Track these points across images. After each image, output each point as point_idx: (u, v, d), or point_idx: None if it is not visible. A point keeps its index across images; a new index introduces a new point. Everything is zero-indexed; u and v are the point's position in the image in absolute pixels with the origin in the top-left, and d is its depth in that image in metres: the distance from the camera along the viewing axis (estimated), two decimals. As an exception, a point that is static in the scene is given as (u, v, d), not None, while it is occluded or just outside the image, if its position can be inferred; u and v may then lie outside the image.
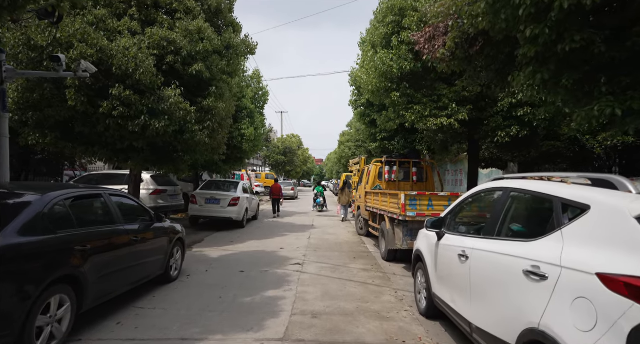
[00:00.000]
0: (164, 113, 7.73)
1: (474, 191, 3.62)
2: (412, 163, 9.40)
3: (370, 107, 14.19)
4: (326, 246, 8.98)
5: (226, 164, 14.73)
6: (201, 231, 11.10)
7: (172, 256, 5.54)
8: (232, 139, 13.98)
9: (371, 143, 14.68)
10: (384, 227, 7.39)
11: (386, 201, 7.15)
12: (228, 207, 11.35)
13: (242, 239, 9.81)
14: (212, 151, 10.03)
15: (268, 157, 36.43)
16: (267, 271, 6.35)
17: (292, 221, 14.31)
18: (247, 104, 14.25)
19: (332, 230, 11.88)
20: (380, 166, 9.59)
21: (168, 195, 12.39)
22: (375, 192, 8.33)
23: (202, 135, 8.44)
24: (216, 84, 9.02)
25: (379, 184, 9.48)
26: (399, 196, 6.17)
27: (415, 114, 7.82)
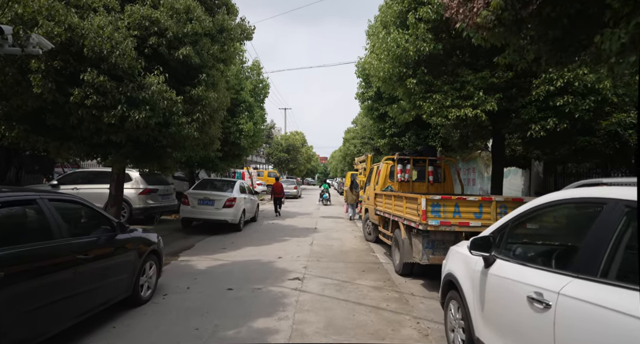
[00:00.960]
0: (145, 102, 6.73)
1: (545, 200, 2.55)
2: (427, 161, 8.33)
3: (378, 100, 13.11)
4: (330, 254, 7.95)
5: (223, 161, 13.75)
6: (193, 234, 10.12)
7: (142, 273, 4.54)
8: (229, 135, 13.00)
9: (379, 139, 13.61)
10: (398, 236, 6.34)
11: (401, 206, 6.10)
12: (223, 209, 10.35)
13: (237, 244, 8.80)
14: (204, 146, 9.03)
15: (271, 154, 35.42)
16: (260, 289, 5.33)
17: (294, 223, 13.29)
18: (246, 97, 13.23)
19: (336, 234, 10.84)
20: (392, 164, 8.53)
21: (159, 195, 11.43)
22: (387, 194, 7.28)
23: (190, 128, 7.44)
24: (207, 72, 8.01)
25: (390, 184, 8.42)
26: (419, 201, 5.11)
27: (435, 104, 6.75)
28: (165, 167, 8.30)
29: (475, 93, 6.55)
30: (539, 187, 11.28)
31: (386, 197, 7.24)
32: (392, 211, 6.66)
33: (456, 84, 6.79)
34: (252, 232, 10.85)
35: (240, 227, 10.99)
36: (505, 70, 6.61)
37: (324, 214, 16.88)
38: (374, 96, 13.05)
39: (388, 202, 7.06)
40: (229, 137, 13.05)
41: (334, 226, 12.62)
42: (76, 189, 10.83)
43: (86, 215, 3.95)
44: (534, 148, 9.06)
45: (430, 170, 8.34)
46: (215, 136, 9.28)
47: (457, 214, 5.07)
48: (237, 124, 12.98)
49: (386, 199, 7.21)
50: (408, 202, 5.75)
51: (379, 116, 13.20)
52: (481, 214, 5.07)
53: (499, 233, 2.91)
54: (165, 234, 9.67)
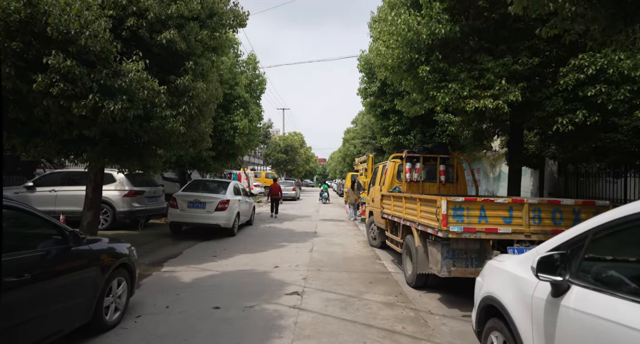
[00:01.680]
0: (122, 92, 5.94)
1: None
2: (439, 160, 7.55)
3: (382, 96, 12.36)
4: (332, 262, 7.16)
5: (217, 161, 12.93)
6: (182, 240, 9.30)
7: (108, 292, 3.74)
8: (222, 133, 12.21)
9: (383, 138, 12.84)
10: (410, 243, 5.56)
11: (414, 209, 5.32)
12: (215, 212, 9.54)
13: (230, 252, 7.99)
14: (193, 144, 8.23)
15: (268, 155, 34.60)
16: (253, 307, 4.53)
17: (292, 226, 12.49)
18: (241, 93, 12.45)
19: (338, 239, 10.05)
20: (400, 163, 7.76)
21: (146, 197, 10.61)
22: (396, 196, 6.49)
23: (175, 123, 6.65)
24: (195, 60, 7.22)
25: (398, 185, 7.65)
26: (438, 204, 4.34)
27: (450, 94, 5.97)
28: (148, 167, 7.48)
29: (496, 82, 5.79)
30: (552, 188, 10.54)
31: (395, 199, 6.46)
32: (403, 214, 5.88)
33: (474, 72, 6.02)
34: (247, 237, 10.05)
35: (234, 231, 10.19)
36: (529, 56, 5.86)
37: (324, 216, 16.09)
38: (377, 92, 12.29)
39: (398, 205, 6.28)
40: (223, 135, 12.25)
41: (335, 230, 11.83)
42: (54, 191, 10.01)
43: (28, 224, 3.14)
44: (552, 145, 8.29)
45: (442, 169, 7.57)
46: (206, 132, 8.48)
47: (484, 219, 4.29)
48: (231, 121, 12.17)
49: (395, 201, 6.43)
50: (424, 205, 4.97)
51: (383, 113, 12.43)
52: (511, 219, 4.30)
53: (571, 249, 2.13)
54: (150, 241, 8.87)
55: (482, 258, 4.47)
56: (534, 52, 5.93)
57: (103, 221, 9.96)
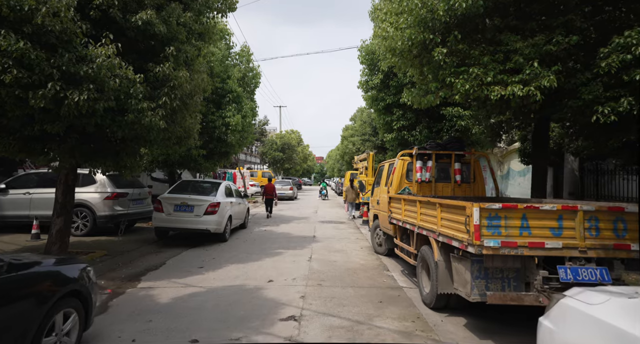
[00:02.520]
0: (89, 80, 5.07)
1: None
2: (454, 157, 6.72)
3: (385, 89, 11.50)
4: (334, 274, 6.32)
5: (208, 160, 12.05)
6: (167, 247, 8.44)
7: (49, 330, 2.88)
8: (214, 130, 11.34)
9: (386, 134, 11.99)
10: (428, 256, 4.72)
11: (434, 216, 4.48)
12: (204, 217, 8.68)
13: (219, 261, 7.14)
14: (177, 141, 7.36)
15: (265, 153, 33.69)
16: (239, 340, 3.69)
17: (289, 230, 11.64)
18: (233, 87, 11.56)
19: (339, 244, 9.21)
20: (409, 161, 6.92)
21: (130, 200, 9.74)
22: (407, 199, 5.65)
23: (154, 116, 5.78)
24: (177, 46, 6.34)
25: (407, 186, 6.81)
26: (469, 211, 3.50)
27: (471, 80, 5.12)
28: (124, 167, 6.60)
29: (525, 65, 4.95)
30: (573, 188, 9.73)
31: (407, 203, 5.61)
32: (418, 222, 5.04)
33: (499, 54, 5.17)
34: (239, 243, 9.19)
35: (225, 237, 9.33)
36: (564, 34, 5.01)
37: (323, 218, 15.25)
38: (380, 84, 11.43)
39: (410, 210, 5.43)
40: (214, 132, 11.38)
41: (335, 234, 10.98)
42: (28, 193, 9.12)
43: None
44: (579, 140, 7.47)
45: (457, 167, 6.73)
46: (193, 128, 7.62)
47: (526, 231, 3.46)
48: (223, 117, 11.30)
49: (407, 205, 5.59)
50: (447, 211, 4.13)
51: (385, 107, 11.57)
52: (561, 230, 3.47)
53: None
54: (132, 249, 8.00)
55: (522, 279, 3.64)
56: (569, 29, 5.09)
57: (82, 226, 9.10)
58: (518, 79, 4.94)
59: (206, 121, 11.20)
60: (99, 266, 6.49)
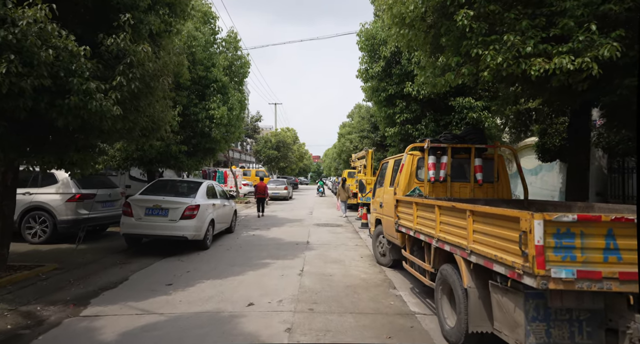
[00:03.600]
0: (10, 49, 3.90)
1: None
2: (473, 151, 5.60)
3: (387, 78, 10.37)
4: (330, 294, 5.19)
5: (192, 157, 10.88)
6: (136, 257, 7.26)
7: None
8: (196, 123, 10.16)
9: (387, 128, 10.86)
10: (451, 279, 3.60)
11: (461, 226, 3.37)
12: (180, 221, 7.51)
13: (193, 276, 5.98)
14: (143, 133, 6.18)
15: (259, 152, 32.46)
16: None
17: (281, 234, 10.49)
18: (218, 76, 10.38)
19: (335, 252, 8.07)
20: (420, 157, 5.79)
21: (99, 201, 8.55)
22: (421, 203, 4.51)
23: (106, 101, 4.61)
24: (138, 16, 5.17)
25: (417, 186, 5.68)
26: (526, 225, 2.38)
27: (505, 51, 4.01)
28: (71, 164, 5.42)
29: (576, 31, 3.83)
30: (601, 187, 8.65)
31: (422, 208, 4.48)
32: (437, 233, 3.91)
33: (540, 18, 4.06)
34: (222, 252, 8.03)
35: (206, 244, 8.17)
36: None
37: (318, 220, 14.10)
38: (381, 73, 10.29)
39: (426, 217, 4.31)
40: (197, 126, 10.21)
41: (331, 239, 9.85)
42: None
43: None
44: (625, 131, 6.36)
45: (478, 164, 5.61)
46: (164, 118, 6.45)
47: (614, 254, 2.34)
48: (206, 110, 10.12)
49: (422, 211, 4.45)
50: (485, 222, 3.01)
51: (387, 98, 10.45)
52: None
53: None
54: (94, 259, 6.84)
55: (601, 323, 2.52)
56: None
57: (41, 232, 7.92)
58: (567, 49, 3.81)
59: (188, 114, 10.03)
60: (42, 285, 5.33)
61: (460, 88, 9.83)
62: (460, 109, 9.55)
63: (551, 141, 8.67)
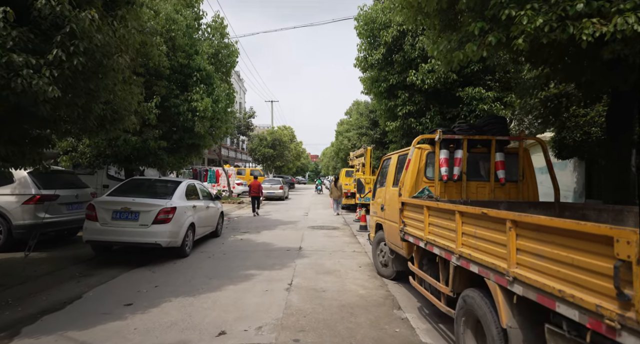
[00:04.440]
0: None
1: None
2: (494, 144, 4.67)
3: (388, 66, 9.43)
4: (321, 318, 4.25)
5: (174, 154, 9.93)
6: (102, 267, 6.31)
7: None
8: (177, 116, 9.21)
9: (388, 122, 9.93)
10: (479, 309, 2.67)
11: (497, 242, 2.45)
12: (153, 226, 6.57)
13: (160, 293, 5.04)
14: (100, 123, 5.23)
15: (254, 150, 31.47)
16: None
17: (271, 238, 9.55)
18: (202, 64, 9.42)
19: (331, 261, 7.14)
20: (429, 151, 4.86)
21: (63, 203, 7.60)
22: (435, 208, 3.57)
23: (39, 79, 3.66)
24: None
25: (426, 185, 4.74)
26: (629, 249, 1.44)
27: (545, 11, 3.08)
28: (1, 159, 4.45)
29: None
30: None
31: (436, 213, 3.54)
32: (458, 247, 2.99)
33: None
34: (202, 260, 7.08)
35: (185, 251, 7.23)
36: None
37: (313, 222, 13.16)
38: (382, 61, 9.35)
39: (442, 226, 3.38)
40: (178, 120, 9.25)
41: (326, 244, 8.92)
42: None
43: None
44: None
45: (500, 159, 4.68)
46: (128, 107, 5.51)
47: None
48: (188, 101, 9.16)
49: (436, 217, 3.52)
50: (538, 239, 2.07)
51: (388, 89, 9.51)
52: None
53: None
54: (49, 271, 5.88)
55: None
56: None
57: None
58: (632, 5, 2.89)
59: (168, 106, 9.07)
60: (-30, 307, 4.37)
61: (468, 77, 8.93)
62: (469, 101, 8.62)
63: (571, 135, 7.76)
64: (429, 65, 8.48)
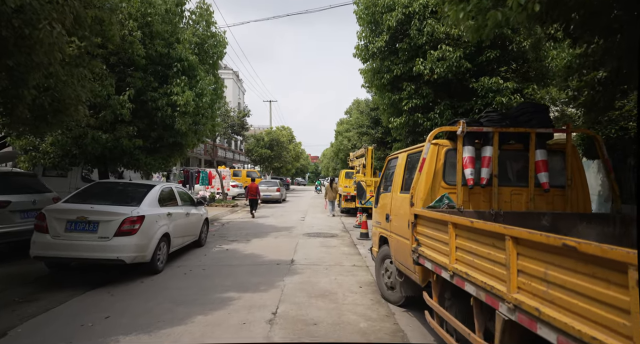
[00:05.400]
0: None
1: None
2: (534, 139, 3.62)
3: (392, 55, 8.39)
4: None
5: (153, 154, 8.90)
6: (52, 289, 5.26)
7: None
8: (156, 111, 8.20)
9: (392, 118, 8.88)
10: None
11: (603, 299, 1.37)
12: (115, 239, 5.53)
13: (106, 330, 3.98)
14: (37, 116, 4.20)
15: (251, 150, 30.41)
16: None
17: (261, 249, 8.50)
18: (183, 53, 8.38)
19: (326, 279, 6.09)
20: (449, 148, 3.81)
21: (14, 211, 6.57)
22: (465, 225, 2.51)
23: None
24: None
25: (445, 191, 3.69)
26: None
27: None
28: None
29: None
30: None
31: (468, 234, 2.49)
32: (513, 292, 1.93)
33: None
34: (176, 277, 6.04)
35: (156, 267, 6.19)
36: None
37: (310, 228, 12.11)
38: (385, 49, 8.31)
39: (480, 253, 2.32)
40: (156, 115, 8.22)
41: (322, 256, 7.87)
42: None
43: None
44: None
45: (541, 159, 3.63)
46: (75, 96, 4.47)
47: None
48: (167, 95, 8.13)
49: (469, 240, 2.47)
50: None
51: (392, 81, 8.47)
52: None
53: None
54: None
55: None
56: None
57: None
58: None
59: (145, 100, 8.05)
60: None
61: (483, 66, 7.89)
62: (485, 93, 7.57)
63: (604, 131, 6.73)
64: (438, 52, 7.44)
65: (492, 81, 7.38)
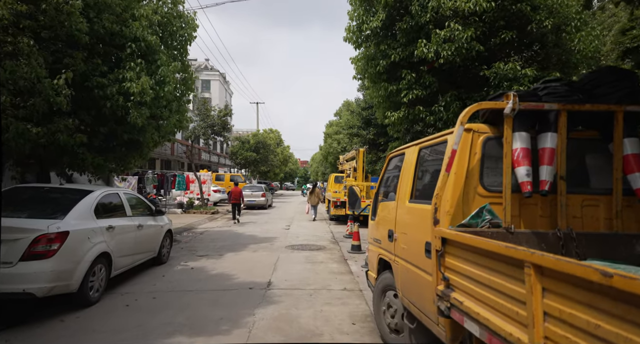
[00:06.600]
0: None
1: None
2: (620, 120, 2.38)
3: (389, 38, 7.15)
4: None
5: (103, 153, 7.44)
6: None
7: None
8: (104, 101, 6.77)
9: (389, 113, 7.62)
10: None
11: None
12: (21, 264, 4.10)
13: None
14: None
15: (235, 153, 28.85)
16: None
17: (234, 266, 7.10)
18: (140, 33, 6.98)
19: (309, 311, 4.74)
20: (489, 136, 2.53)
21: None
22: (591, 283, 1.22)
23: None
24: None
25: (486, 201, 2.40)
26: None
27: None
28: None
29: None
30: None
31: (585, 300, 1.18)
32: None
33: None
34: (110, 313, 4.60)
35: (88, 298, 4.75)
36: None
37: (294, 239, 10.73)
38: (381, 31, 7.06)
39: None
40: (105, 106, 6.77)
41: (307, 276, 6.51)
42: None
43: None
44: None
45: (631, 152, 2.38)
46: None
47: None
48: (120, 81, 6.71)
49: (594, 311, 1.15)
50: None
51: (389, 69, 7.21)
52: None
53: None
54: None
55: None
56: None
57: None
58: None
59: (89, 87, 6.62)
60: None
61: (495, 51, 6.72)
62: (499, 82, 6.38)
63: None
64: (445, 31, 6.23)
65: (508, 67, 6.20)
